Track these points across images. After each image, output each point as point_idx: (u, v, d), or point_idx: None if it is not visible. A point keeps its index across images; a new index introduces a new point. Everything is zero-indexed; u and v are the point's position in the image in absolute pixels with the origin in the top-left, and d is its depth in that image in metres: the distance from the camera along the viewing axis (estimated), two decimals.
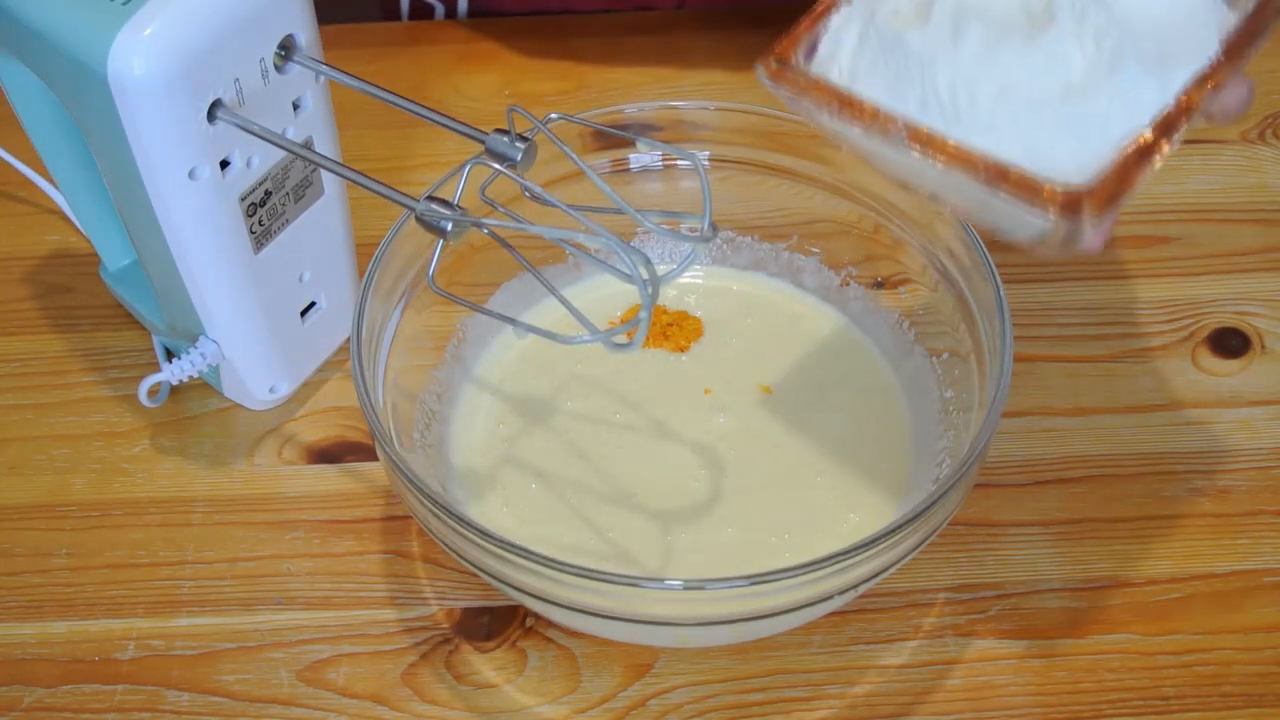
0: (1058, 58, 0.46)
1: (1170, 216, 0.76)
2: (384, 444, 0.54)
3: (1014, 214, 0.46)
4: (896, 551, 0.52)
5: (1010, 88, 0.46)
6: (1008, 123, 0.46)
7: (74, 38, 0.52)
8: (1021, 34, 0.47)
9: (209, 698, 0.58)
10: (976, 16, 0.47)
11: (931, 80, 0.47)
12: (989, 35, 0.47)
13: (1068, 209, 0.44)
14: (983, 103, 0.46)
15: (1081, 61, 0.46)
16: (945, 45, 0.47)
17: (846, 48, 0.49)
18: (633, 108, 0.65)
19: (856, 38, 0.49)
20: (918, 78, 0.47)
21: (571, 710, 0.57)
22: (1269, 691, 0.57)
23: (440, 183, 0.51)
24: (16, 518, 0.64)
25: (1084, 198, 0.44)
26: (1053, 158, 0.45)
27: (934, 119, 0.46)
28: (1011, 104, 0.46)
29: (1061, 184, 0.44)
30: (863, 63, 0.49)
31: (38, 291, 0.74)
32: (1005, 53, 0.46)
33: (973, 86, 0.46)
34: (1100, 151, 0.45)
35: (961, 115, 0.46)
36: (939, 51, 0.47)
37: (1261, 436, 0.66)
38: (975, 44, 0.47)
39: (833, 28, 0.50)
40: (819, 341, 0.67)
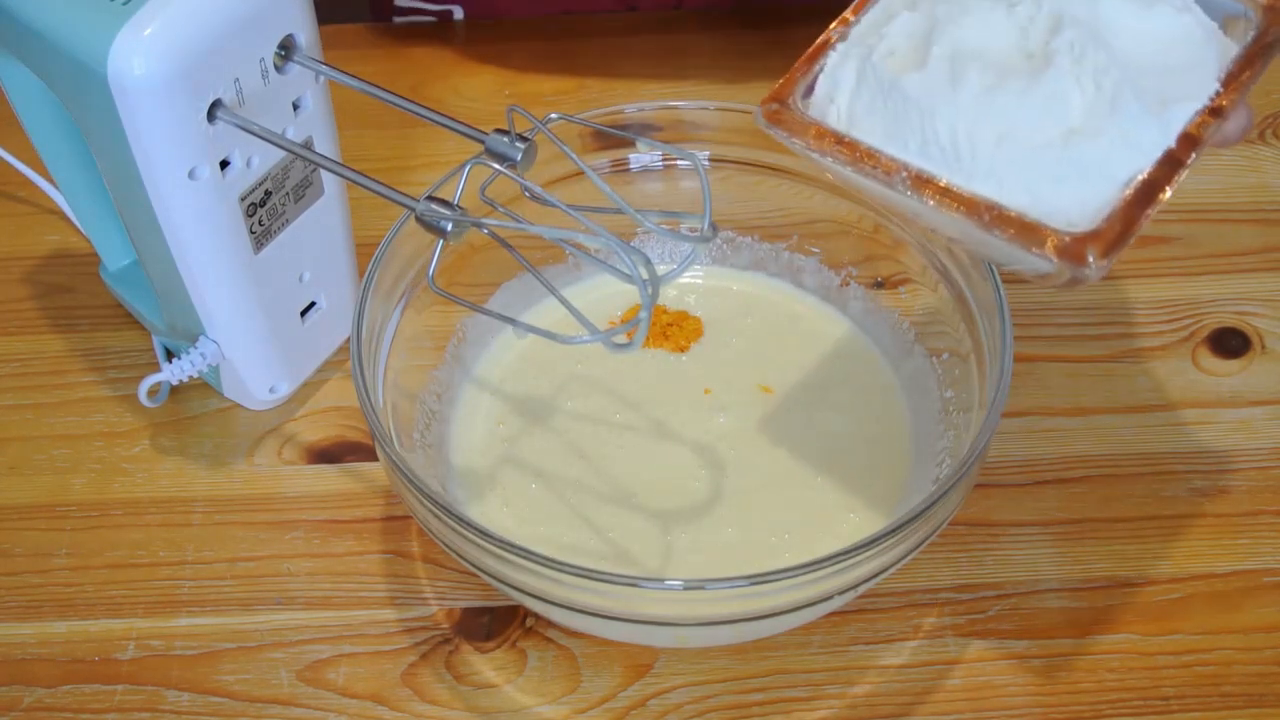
0: (1057, 100, 0.46)
1: (1170, 216, 0.76)
2: (384, 444, 0.54)
3: (1017, 256, 0.46)
4: (896, 551, 0.52)
5: (1011, 133, 0.46)
6: (1009, 168, 0.45)
7: (74, 38, 0.52)
8: (1020, 76, 0.46)
9: (209, 698, 0.58)
10: (974, 59, 0.47)
11: (932, 126, 0.47)
12: (987, 79, 0.47)
13: (1072, 255, 0.44)
14: (984, 148, 0.46)
15: (1081, 102, 0.46)
16: (944, 90, 0.47)
17: (844, 89, 0.49)
18: (633, 108, 0.65)
19: (854, 78, 0.49)
20: (917, 123, 0.47)
21: (571, 710, 0.57)
22: (1269, 691, 0.57)
23: (440, 183, 0.51)
24: (16, 518, 0.64)
25: (1088, 243, 0.44)
26: (1056, 202, 0.45)
27: (935, 164, 0.47)
28: (1013, 149, 0.46)
29: (1065, 230, 0.44)
30: (860, 105, 0.49)
31: (38, 291, 0.74)
32: (1004, 96, 0.46)
33: (973, 132, 0.46)
34: (1104, 194, 0.45)
35: (963, 161, 0.46)
36: (938, 96, 0.47)
37: (1261, 436, 0.66)
38: (974, 88, 0.46)
39: (829, 67, 0.50)
40: (819, 341, 0.67)
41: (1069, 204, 0.45)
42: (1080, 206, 0.45)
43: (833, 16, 0.51)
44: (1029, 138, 0.46)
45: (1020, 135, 0.46)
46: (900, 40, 0.49)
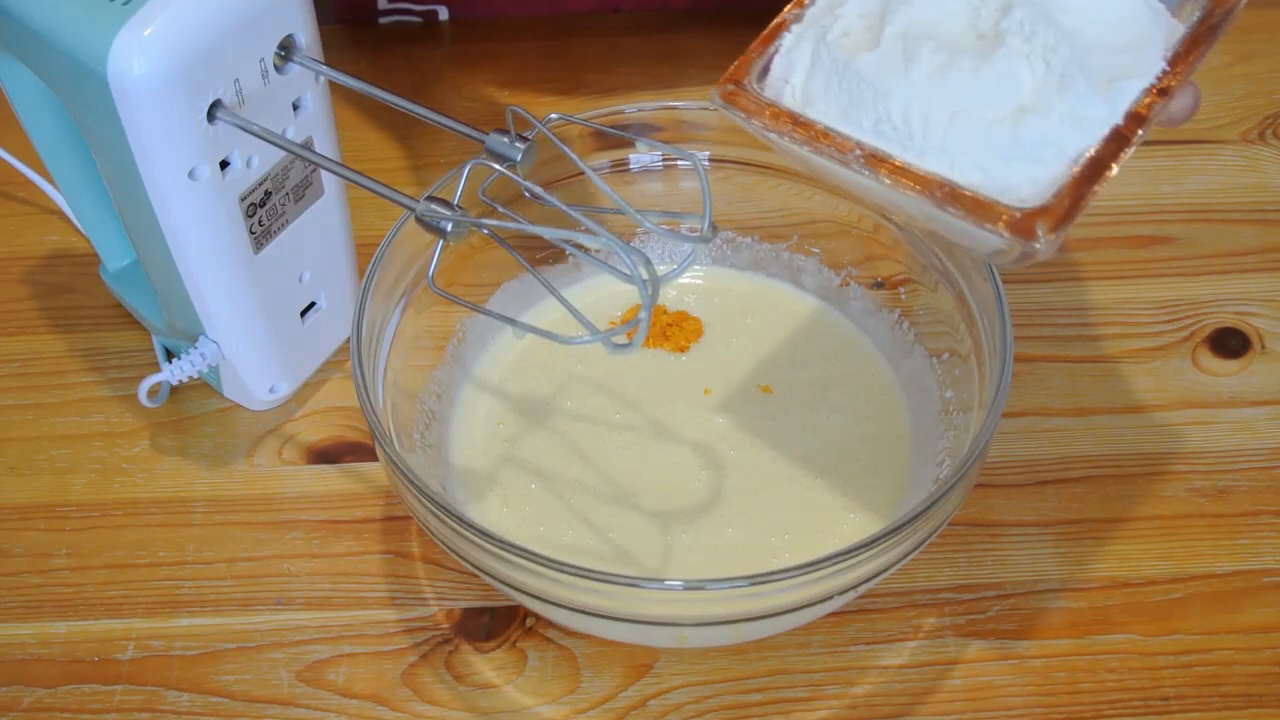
0: (1009, 78, 0.46)
1: (1170, 216, 0.76)
2: (384, 444, 0.54)
3: (969, 232, 0.46)
4: (896, 551, 0.52)
5: (963, 111, 0.46)
6: (962, 146, 0.46)
7: (74, 38, 0.52)
8: (972, 55, 0.47)
9: (209, 698, 0.58)
10: (926, 38, 0.48)
11: (885, 105, 0.47)
12: (940, 58, 0.47)
13: (1022, 230, 0.44)
14: (936, 127, 0.47)
15: (1031, 81, 0.46)
16: (897, 69, 0.47)
17: (799, 69, 0.50)
18: (633, 108, 0.65)
19: (809, 58, 0.50)
20: (871, 102, 0.48)
21: (571, 710, 0.57)
22: (1269, 691, 0.57)
23: (440, 183, 0.51)
24: (16, 518, 0.64)
25: (1037, 218, 0.44)
26: (1008, 179, 0.46)
27: (889, 143, 0.47)
28: (965, 127, 0.46)
29: (1016, 206, 0.45)
30: (815, 85, 0.49)
31: (38, 291, 0.74)
32: (957, 75, 0.47)
33: (926, 110, 0.47)
34: (1053, 171, 0.45)
35: (916, 139, 0.47)
36: (891, 76, 0.47)
37: (1261, 437, 0.66)
38: (927, 68, 0.47)
39: (784, 48, 0.51)
40: (819, 341, 0.67)
41: (1020, 181, 0.45)
42: (1031, 183, 0.45)
43: None
44: (981, 115, 0.46)
45: (972, 113, 0.46)
46: (854, 20, 0.50)
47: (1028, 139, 0.46)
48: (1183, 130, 0.80)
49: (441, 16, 0.89)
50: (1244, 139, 0.80)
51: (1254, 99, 0.83)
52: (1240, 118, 0.82)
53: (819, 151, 0.48)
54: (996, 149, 0.46)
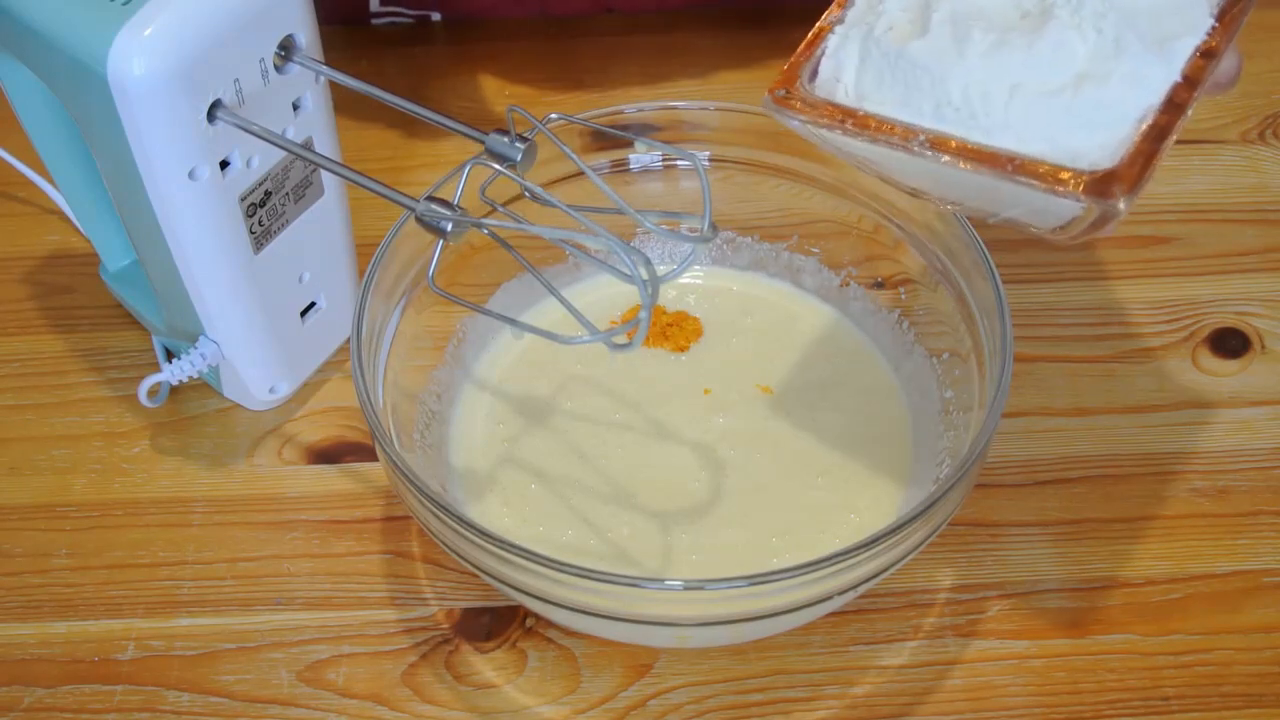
0: (1062, 48, 0.47)
1: (1170, 216, 0.76)
2: (384, 444, 0.54)
3: (1040, 205, 0.46)
4: (896, 552, 0.52)
5: (1022, 85, 0.47)
6: (1025, 119, 0.46)
7: (74, 38, 0.52)
8: (1022, 31, 0.47)
9: (209, 698, 0.58)
10: (974, 20, 0.48)
11: (944, 88, 0.47)
12: (991, 37, 0.47)
13: (1099, 191, 0.44)
14: (997, 103, 0.47)
15: (1085, 50, 0.46)
16: (950, 52, 0.48)
17: (849, 68, 0.50)
18: (633, 108, 0.65)
19: (857, 55, 0.50)
20: (929, 88, 0.48)
21: (571, 710, 0.57)
22: (1269, 691, 0.57)
23: (440, 183, 0.51)
24: (16, 518, 0.64)
25: (1113, 180, 0.44)
26: (1075, 146, 0.46)
27: (951, 125, 0.47)
28: (1026, 101, 0.46)
29: (1089, 169, 0.45)
30: (868, 80, 0.49)
31: (38, 291, 0.74)
32: (1010, 52, 0.47)
33: (985, 89, 0.47)
34: (1119, 134, 0.45)
35: (978, 118, 0.47)
36: (946, 59, 0.48)
37: (1261, 437, 0.66)
38: (980, 47, 0.47)
39: (830, 49, 0.51)
40: (819, 341, 0.67)
41: (1087, 147, 0.46)
42: (1099, 148, 0.45)
43: None
44: (1040, 88, 0.46)
45: (1031, 86, 0.46)
46: (898, 14, 0.50)
47: (1089, 105, 0.46)
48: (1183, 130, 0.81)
49: (434, 18, 0.89)
50: (1244, 139, 0.80)
51: (1254, 99, 0.83)
52: (1240, 118, 0.82)
53: (883, 142, 0.48)
54: (1060, 118, 0.46)
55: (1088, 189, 0.45)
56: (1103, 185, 0.44)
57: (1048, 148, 0.46)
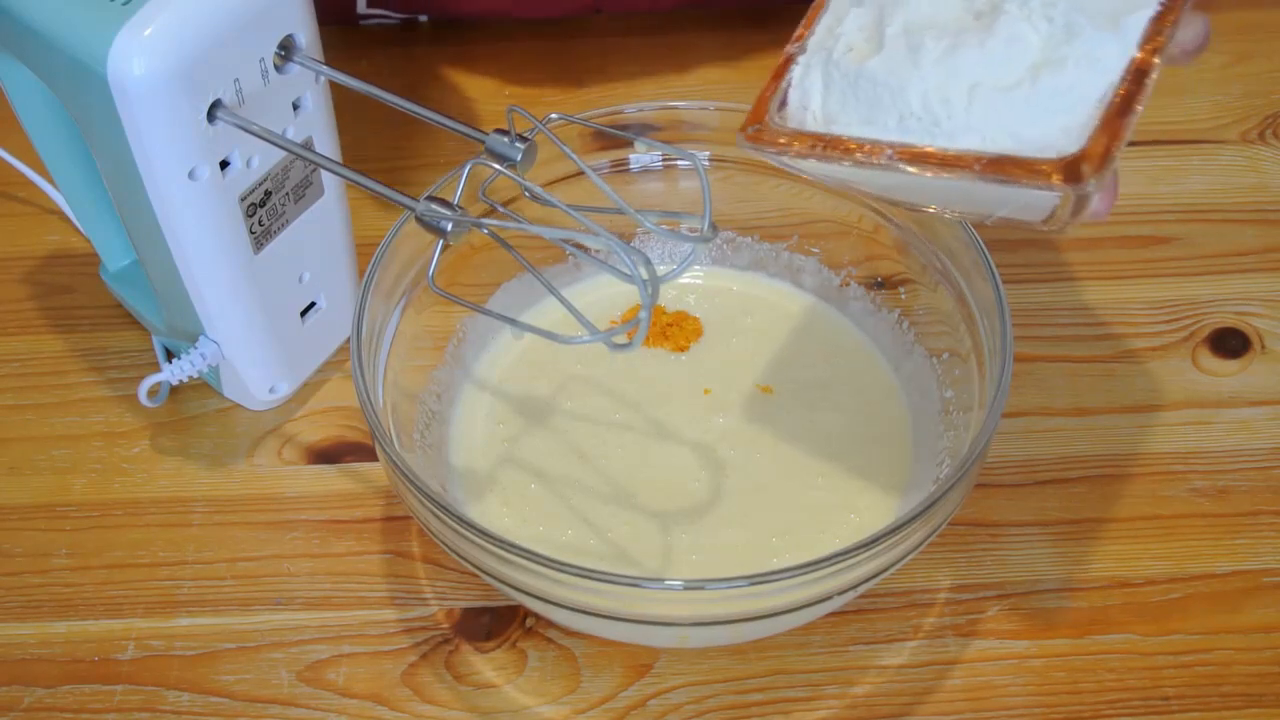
0: (1015, 42, 0.47)
1: (1170, 216, 0.76)
2: (384, 444, 0.54)
3: (1020, 200, 0.46)
4: (896, 551, 0.52)
5: (979, 84, 0.47)
6: (987, 118, 0.46)
7: (74, 38, 0.52)
8: (975, 32, 0.48)
9: (209, 698, 0.58)
10: (926, 30, 0.48)
11: (904, 99, 0.48)
12: (944, 42, 0.48)
13: (1068, 177, 0.44)
14: (958, 106, 0.47)
15: (1038, 40, 0.46)
16: (906, 64, 0.48)
17: (815, 93, 0.50)
18: (633, 108, 0.65)
19: (821, 80, 0.50)
20: (889, 102, 0.48)
21: (571, 710, 0.57)
22: (1269, 691, 0.57)
23: (440, 183, 0.51)
24: (16, 518, 0.64)
25: (1079, 161, 0.44)
26: (1040, 138, 0.46)
27: (916, 135, 0.47)
28: (985, 99, 0.47)
29: (1056, 157, 0.45)
30: (833, 103, 0.50)
31: (38, 291, 0.74)
32: (964, 52, 0.47)
33: (944, 94, 0.47)
34: (1082, 116, 0.45)
35: (941, 124, 0.47)
36: (902, 71, 0.48)
37: (1261, 437, 0.66)
38: (934, 54, 0.47)
39: (796, 79, 0.51)
40: (819, 341, 0.67)
41: (1051, 135, 0.45)
42: (1063, 135, 0.45)
43: None
44: (997, 84, 0.46)
45: (988, 84, 0.47)
46: (855, 35, 0.50)
47: (1047, 94, 0.46)
48: (1183, 130, 0.81)
49: (420, 19, 0.89)
50: (1244, 139, 0.80)
51: (1254, 99, 0.83)
52: (1240, 118, 0.82)
53: (853, 162, 0.48)
54: (1020, 111, 0.46)
55: (1055, 176, 0.45)
56: (1069, 170, 0.44)
57: (1012, 143, 0.46)
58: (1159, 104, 0.82)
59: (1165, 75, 0.46)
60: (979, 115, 0.46)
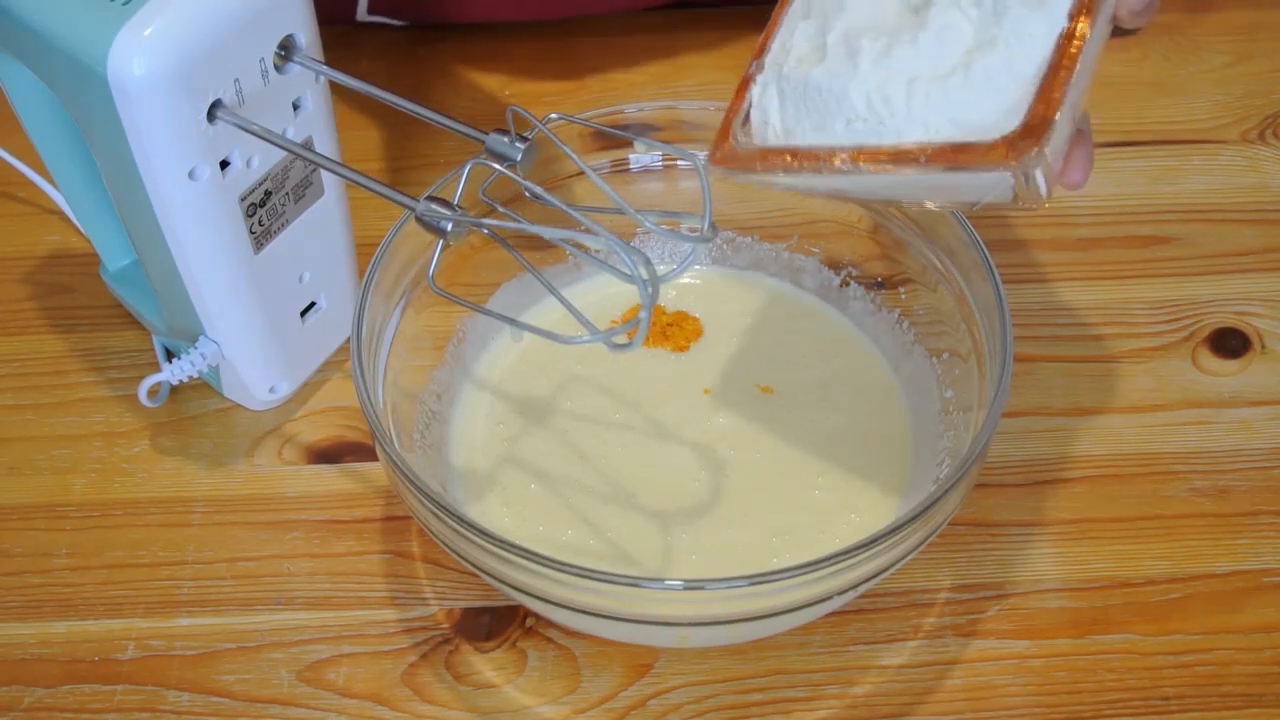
0: (947, 31, 0.47)
1: (1170, 216, 0.76)
2: (384, 444, 0.54)
3: (982, 184, 0.47)
4: (896, 551, 0.52)
5: (917, 78, 0.47)
6: (927, 109, 0.47)
7: (74, 38, 0.52)
8: (909, 28, 0.48)
9: (209, 698, 0.58)
10: (864, 32, 0.49)
11: (847, 103, 0.48)
12: (880, 43, 0.48)
13: (1009, 153, 0.45)
14: (898, 102, 0.47)
15: (970, 26, 0.47)
16: (846, 68, 0.49)
17: (773, 109, 0.51)
18: (633, 108, 0.65)
19: (777, 97, 0.51)
20: (835, 107, 0.49)
21: (571, 710, 0.57)
22: (1269, 691, 0.57)
23: (440, 183, 0.51)
24: (16, 518, 0.64)
25: (1018, 137, 0.45)
26: (979, 120, 0.46)
27: (863, 136, 0.48)
28: (923, 92, 0.47)
29: (995, 136, 0.45)
30: (789, 116, 0.51)
31: (38, 291, 0.74)
32: (900, 49, 0.48)
33: (884, 92, 0.48)
34: (1018, 94, 0.46)
35: (885, 121, 0.48)
36: (843, 75, 0.48)
37: (1261, 437, 0.66)
38: (871, 55, 0.48)
39: (755, 98, 0.52)
40: (819, 341, 0.67)
41: (993, 116, 0.46)
42: (1004, 115, 0.46)
43: None
44: (934, 74, 0.47)
45: (925, 76, 0.47)
46: (803, 46, 0.51)
47: (982, 76, 0.46)
48: (1183, 130, 0.81)
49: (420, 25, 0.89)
50: (1244, 139, 0.80)
51: (1254, 99, 0.83)
52: (1240, 118, 0.82)
53: (813, 171, 0.49)
54: (958, 98, 0.46)
55: (994, 155, 0.45)
56: (1009, 148, 0.45)
57: (955, 130, 0.46)
58: (1159, 104, 0.82)
59: (1165, 75, 0.46)
60: (920, 108, 0.47)
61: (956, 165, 0.46)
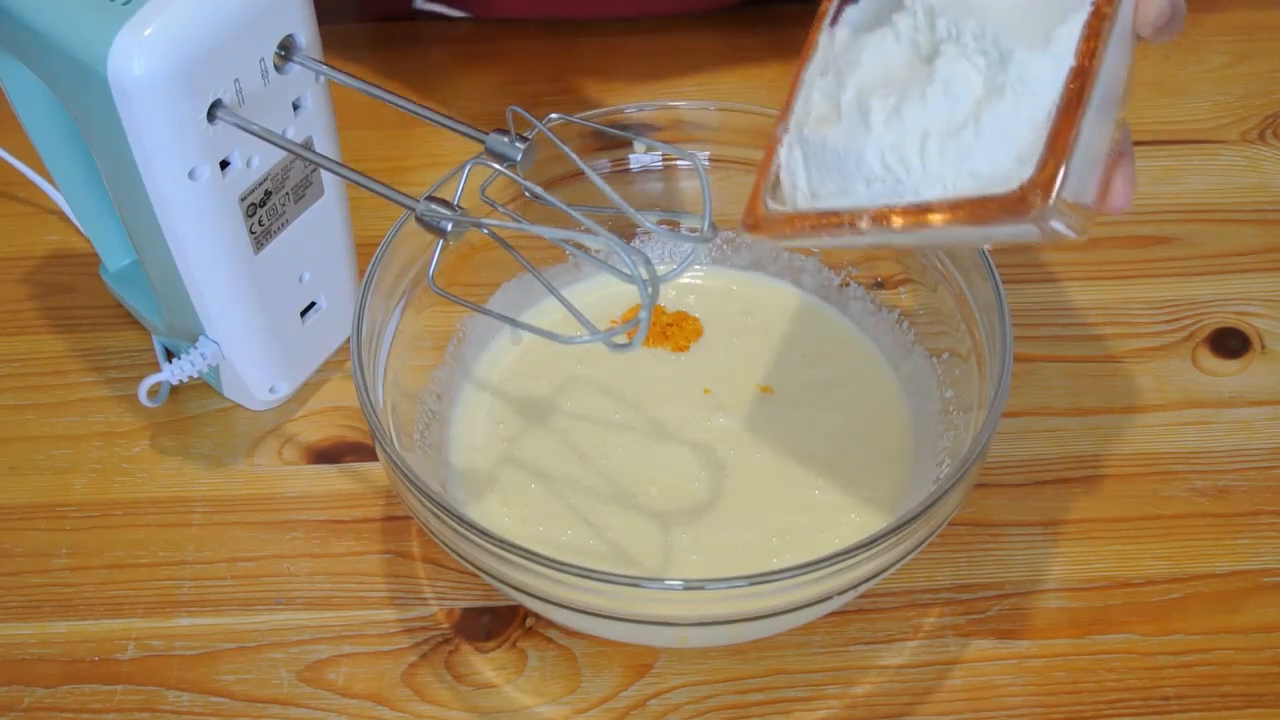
0: (954, 83, 0.47)
1: (1170, 216, 0.76)
2: (384, 444, 0.54)
3: (1003, 231, 0.46)
4: (896, 551, 0.52)
5: (929, 134, 0.47)
6: (942, 164, 0.46)
7: (74, 38, 0.52)
8: (917, 83, 0.48)
9: (209, 698, 0.58)
10: (875, 89, 0.49)
11: (864, 163, 0.48)
12: (890, 100, 0.48)
13: (1021, 207, 0.44)
14: (913, 159, 0.47)
15: (978, 74, 0.46)
16: (860, 129, 0.48)
17: (799, 171, 0.51)
18: (633, 108, 0.65)
19: (801, 160, 0.51)
20: (854, 169, 0.48)
21: (571, 710, 0.57)
22: (1269, 691, 0.57)
23: (440, 183, 0.51)
24: (16, 518, 0.64)
25: (1030, 190, 0.44)
26: (995, 170, 0.45)
27: (883, 195, 0.48)
28: (936, 147, 0.46)
29: (1005, 191, 0.44)
30: (814, 177, 0.50)
31: (38, 291, 0.74)
32: (909, 106, 0.47)
33: (899, 151, 0.47)
34: (1031, 138, 0.45)
35: (903, 181, 0.47)
36: (857, 137, 0.48)
37: (1261, 436, 0.66)
38: (882, 115, 0.48)
39: (783, 161, 0.52)
40: (819, 341, 0.67)
41: (1007, 166, 0.45)
42: (1019, 163, 0.45)
43: None
44: (946, 128, 0.46)
45: (937, 130, 0.47)
46: (821, 106, 0.51)
47: (992, 126, 0.45)
48: (1183, 130, 0.81)
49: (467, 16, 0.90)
50: (1244, 139, 0.80)
51: (1254, 99, 0.83)
52: (1240, 118, 0.82)
53: (836, 234, 0.49)
54: (972, 150, 0.46)
55: (1007, 209, 0.44)
56: (1022, 199, 0.44)
57: (973, 183, 0.46)
58: (1159, 104, 0.82)
59: (1165, 75, 0.45)
60: (934, 164, 0.46)
61: (970, 222, 0.45)
